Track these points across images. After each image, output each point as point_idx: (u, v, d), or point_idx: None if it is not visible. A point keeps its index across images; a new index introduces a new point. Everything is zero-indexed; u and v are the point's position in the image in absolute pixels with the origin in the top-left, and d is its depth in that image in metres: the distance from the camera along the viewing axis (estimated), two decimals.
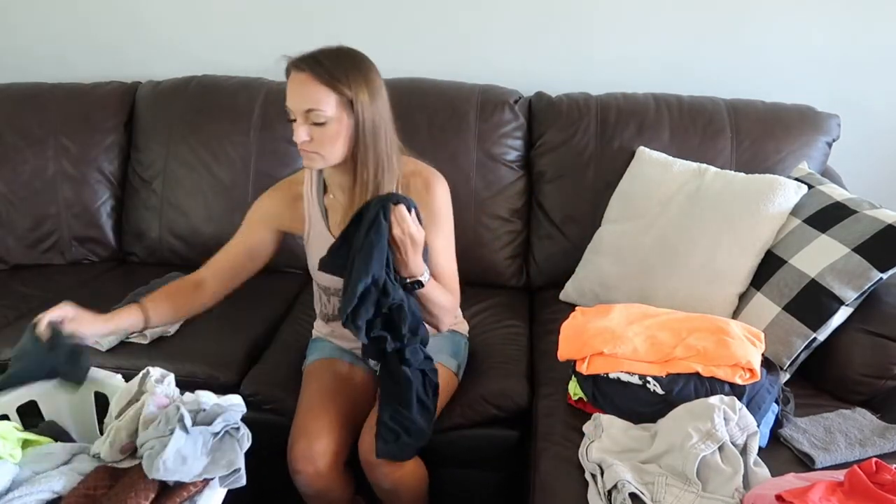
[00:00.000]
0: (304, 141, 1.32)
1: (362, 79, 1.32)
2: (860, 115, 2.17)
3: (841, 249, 1.52)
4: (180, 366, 1.67)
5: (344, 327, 1.32)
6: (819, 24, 2.15)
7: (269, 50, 2.32)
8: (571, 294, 1.95)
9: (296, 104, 1.31)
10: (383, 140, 1.36)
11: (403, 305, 1.32)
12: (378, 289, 1.29)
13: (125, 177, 2.25)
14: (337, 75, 1.29)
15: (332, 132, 1.32)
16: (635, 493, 1.17)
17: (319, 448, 1.40)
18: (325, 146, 1.33)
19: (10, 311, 1.92)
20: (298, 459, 1.40)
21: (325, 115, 1.30)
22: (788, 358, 1.53)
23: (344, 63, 1.31)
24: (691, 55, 2.21)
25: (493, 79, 2.19)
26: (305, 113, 1.31)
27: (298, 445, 1.41)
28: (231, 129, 2.14)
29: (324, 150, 1.34)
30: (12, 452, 1.19)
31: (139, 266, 2.22)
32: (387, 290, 1.29)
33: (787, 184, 1.72)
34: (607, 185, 1.98)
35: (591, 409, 1.43)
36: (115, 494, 1.11)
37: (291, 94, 1.32)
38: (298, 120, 1.32)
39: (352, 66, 1.32)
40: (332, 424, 1.44)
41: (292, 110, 1.32)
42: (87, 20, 2.40)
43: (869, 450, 1.30)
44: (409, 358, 1.35)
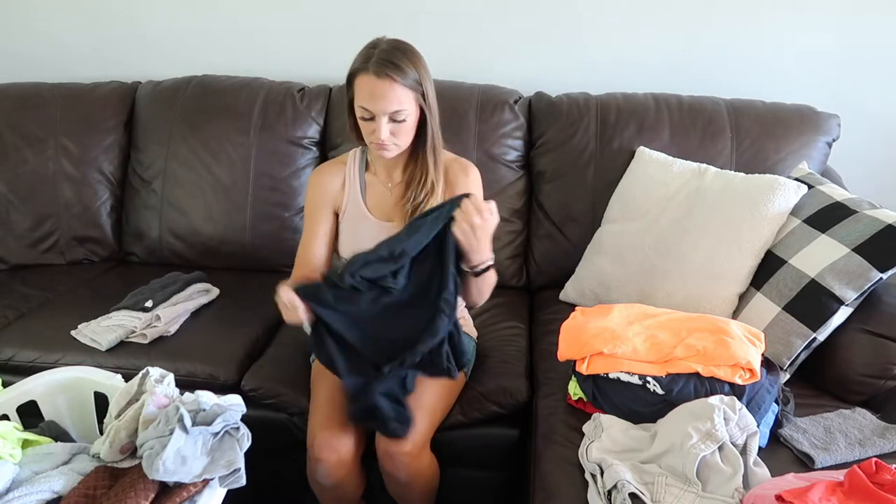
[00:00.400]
0: (386, 137, 1.42)
1: (423, 69, 1.44)
2: (860, 115, 2.17)
3: (841, 249, 1.52)
4: (180, 365, 1.68)
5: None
6: (819, 24, 2.14)
7: (269, 50, 2.36)
8: (571, 294, 1.95)
9: (382, 108, 1.39)
10: (437, 123, 1.50)
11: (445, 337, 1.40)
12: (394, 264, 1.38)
13: (125, 177, 2.25)
14: (413, 73, 1.40)
15: (410, 125, 1.44)
16: (635, 493, 1.17)
17: (343, 436, 1.43)
18: (402, 138, 1.45)
19: (10, 311, 1.92)
20: (322, 448, 1.42)
21: (407, 113, 1.42)
22: (788, 358, 1.53)
23: (410, 58, 1.41)
24: (691, 55, 2.21)
25: (493, 79, 2.19)
26: (390, 114, 1.40)
27: (322, 434, 1.43)
28: (231, 129, 2.14)
29: (401, 140, 1.46)
30: (12, 452, 1.19)
31: (139, 266, 2.22)
32: (444, 284, 1.38)
33: (787, 184, 1.72)
34: (607, 185, 1.98)
35: (591, 409, 1.43)
36: (115, 494, 1.11)
37: (374, 99, 1.39)
38: (380, 120, 1.40)
39: (416, 58, 1.42)
40: None
41: (375, 112, 1.40)
42: (87, 20, 2.40)
43: (869, 450, 1.30)
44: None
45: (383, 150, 1.46)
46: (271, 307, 1.95)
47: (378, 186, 1.59)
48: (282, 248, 2.11)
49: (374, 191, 1.59)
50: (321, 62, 2.34)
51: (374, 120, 1.41)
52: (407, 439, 1.41)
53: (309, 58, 2.35)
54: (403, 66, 1.38)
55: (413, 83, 1.40)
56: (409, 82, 1.39)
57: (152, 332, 1.76)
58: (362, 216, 1.57)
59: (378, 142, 1.43)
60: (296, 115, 2.15)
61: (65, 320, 1.82)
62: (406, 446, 1.41)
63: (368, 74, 1.38)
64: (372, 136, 1.44)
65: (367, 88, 1.39)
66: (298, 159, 2.15)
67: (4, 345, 1.76)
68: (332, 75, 2.26)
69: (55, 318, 1.86)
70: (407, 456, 1.42)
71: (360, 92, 1.41)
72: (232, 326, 1.85)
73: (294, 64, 2.34)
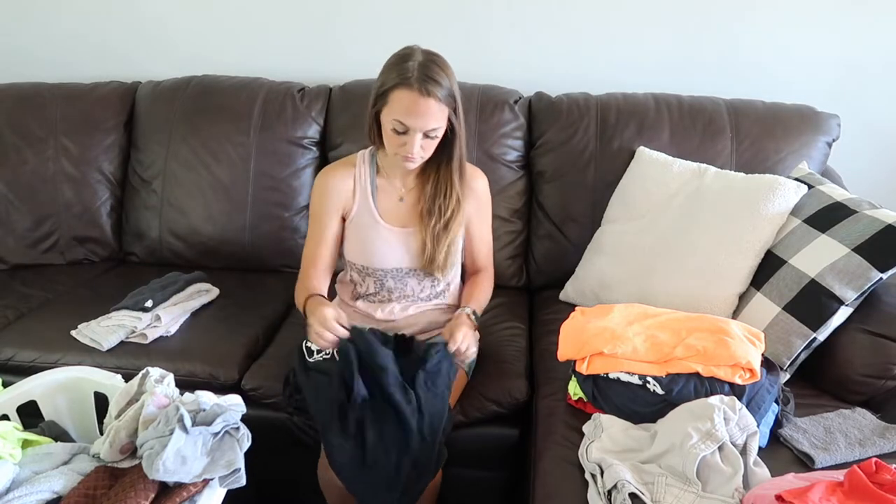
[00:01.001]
0: (417, 152, 1.42)
1: (455, 83, 1.43)
2: (860, 115, 2.18)
3: (841, 249, 1.51)
4: (180, 366, 1.68)
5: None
6: (819, 24, 2.14)
7: (269, 50, 2.36)
8: (571, 294, 1.95)
9: (421, 125, 1.39)
10: (464, 135, 1.51)
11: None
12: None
13: (125, 177, 2.25)
14: (450, 90, 1.40)
15: (439, 138, 1.45)
16: (635, 493, 1.17)
17: None
18: (429, 151, 1.46)
19: (10, 311, 1.92)
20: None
21: (440, 129, 1.43)
22: (788, 358, 1.53)
23: (449, 75, 1.41)
24: (691, 55, 2.21)
25: (493, 79, 2.19)
26: (427, 130, 1.40)
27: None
28: (231, 129, 2.14)
29: (427, 153, 1.47)
30: (12, 452, 1.19)
31: (139, 266, 2.22)
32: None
33: (787, 184, 1.72)
34: (607, 185, 1.98)
35: (591, 409, 1.43)
36: (115, 494, 1.11)
37: (417, 116, 1.38)
38: (414, 136, 1.40)
39: (451, 73, 1.42)
40: None
41: (411, 128, 1.39)
42: (87, 20, 2.40)
43: (869, 450, 1.30)
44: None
45: (409, 163, 1.45)
46: (271, 307, 1.97)
47: (390, 191, 1.58)
48: (282, 248, 2.12)
49: (386, 196, 1.58)
50: (321, 62, 2.34)
51: (406, 134, 1.40)
52: None
53: (309, 58, 2.35)
54: (442, 82, 1.38)
55: (448, 98, 1.40)
56: (446, 99, 1.39)
57: (152, 332, 1.76)
58: (374, 222, 1.56)
59: (407, 155, 1.42)
60: (296, 115, 2.15)
61: (65, 320, 1.82)
62: None
63: (411, 91, 1.36)
64: (401, 150, 1.42)
65: (407, 104, 1.37)
66: (298, 159, 2.15)
67: (4, 345, 1.76)
68: (332, 75, 2.27)
69: (55, 318, 1.86)
70: None
71: (397, 105, 1.38)
72: (232, 326, 1.85)
73: (294, 64, 2.34)
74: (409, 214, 1.57)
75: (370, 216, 1.57)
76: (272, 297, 2.01)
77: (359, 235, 1.58)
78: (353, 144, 2.05)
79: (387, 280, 1.60)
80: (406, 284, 1.61)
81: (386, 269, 1.58)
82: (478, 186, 1.62)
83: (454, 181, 1.53)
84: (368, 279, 1.61)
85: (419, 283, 1.62)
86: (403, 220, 1.57)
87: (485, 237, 1.69)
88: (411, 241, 1.57)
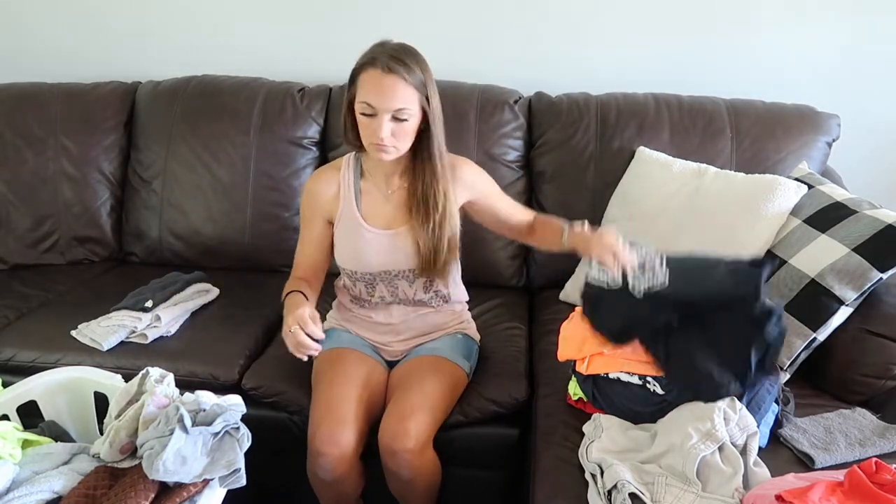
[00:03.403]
0: (386, 136, 1.39)
1: (429, 73, 1.42)
2: (860, 115, 2.17)
3: (841, 249, 1.51)
4: (180, 366, 1.68)
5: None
6: (819, 24, 2.14)
7: (269, 50, 2.36)
8: (571, 294, 1.95)
9: (387, 104, 1.36)
10: (441, 129, 1.48)
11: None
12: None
13: (125, 177, 2.25)
14: (419, 74, 1.39)
15: (411, 126, 1.41)
16: (635, 493, 1.17)
17: (345, 431, 1.43)
18: (402, 140, 1.42)
19: (10, 311, 1.92)
20: (324, 442, 1.42)
21: (409, 113, 1.39)
22: (788, 358, 1.53)
23: (417, 60, 1.40)
24: (691, 55, 2.21)
25: (493, 79, 2.19)
26: (394, 111, 1.37)
27: (323, 428, 1.43)
28: (231, 129, 2.14)
29: (401, 143, 1.42)
30: (12, 452, 1.19)
31: (139, 266, 2.22)
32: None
33: (787, 184, 1.72)
34: (607, 185, 1.98)
35: (590, 409, 1.43)
36: (115, 494, 1.11)
37: (379, 94, 1.36)
38: (382, 117, 1.37)
39: (423, 62, 1.41)
40: (355, 410, 1.46)
41: (378, 108, 1.37)
42: (87, 20, 2.40)
43: (869, 450, 1.30)
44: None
45: (382, 153, 1.41)
46: (271, 307, 1.97)
47: (374, 194, 1.56)
48: (282, 248, 2.12)
49: (371, 198, 1.56)
50: (321, 62, 2.34)
51: (375, 117, 1.37)
52: (410, 437, 1.41)
53: (309, 58, 2.35)
54: (413, 67, 1.37)
55: (419, 84, 1.38)
56: (415, 82, 1.37)
57: (152, 332, 1.76)
58: (357, 225, 1.55)
59: (377, 142, 1.39)
60: (296, 115, 2.15)
61: (65, 320, 1.82)
62: (409, 444, 1.41)
63: (375, 69, 1.36)
64: (372, 136, 1.39)
65: (373, 83, 1.36)
66: (298, 159, 2.15)
67: (4, 345, 1.76)
68: (332, 75, 2.26)
69: (55, 318, 1.86)
70: (410, 453, 1.42)
71: (364, 87, 1.38)
72: (232, 326, 1.85)
73: (294, 64, 2.34)
74: (396, 215, 1.55)
75: (354, 220, 1.54)
76: (272, 297, 1.98)
77: (345, 240, 1.57)
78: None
79: (377, 283, 1.59)
80: (397, 287, 1.60)
81: (374, 272, 1.57)
82: (470, 175, 1.59)
83: (437, 175, 1.49)
84: (359, 283, 1.61)
85: (410, 286, 1.60)
86: (389, 221, 1.55)
87: (510, 202, 1.66)
88: (399, 243, 1.54)
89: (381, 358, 1.65)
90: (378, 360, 1.64)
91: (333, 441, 1.42)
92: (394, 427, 1.43)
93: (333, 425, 1.43)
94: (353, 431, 1.44)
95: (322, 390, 1.51)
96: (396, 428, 1.43)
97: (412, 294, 1.62)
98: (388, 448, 1.43)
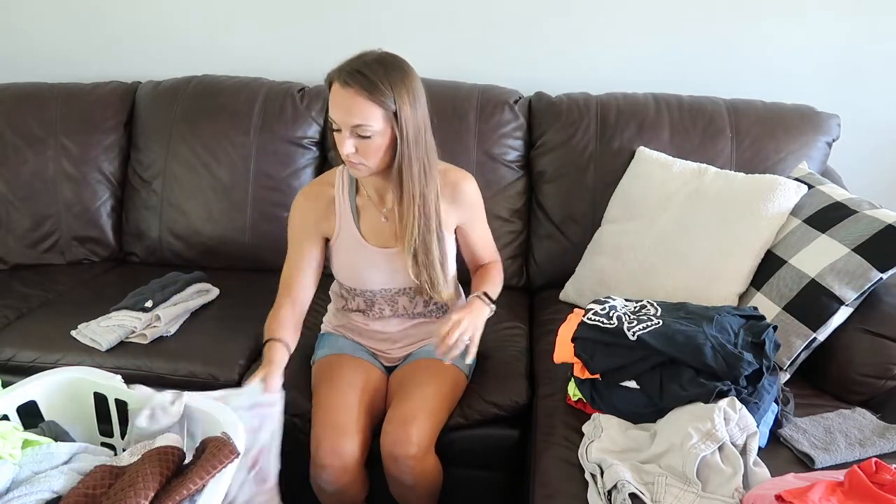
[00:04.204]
0: (350, 153, 1.34)
1: (405, 89, 1.33)
2: (860, 115, 2.17)
3: (841, 249, 1.51)
4: (180, 366, 1.68)
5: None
6: (819, 24, 2.15)
7: (269, 50, 2.36)
8: (571, 294, 1.95)
9: (343, 119, 1.32)
10: (423, 145, 1.39)
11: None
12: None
13: (125, 177, 2.25)
14: (383, 89, 1.30)
15: (377, 144, 1.34)
16: (635, 493, 1.17)
17: (347, 442, 1.41)
18: (370, 157, 1.36)
19: (10, 311, 1.92)
20: (327, 454, 1.41)
21: (372, 130, 1.32)
22: (788, 358, 1.53)
23: (388, 74, 1.31)
24: (691, 55, 2.21)
25: (493, 79, 2.19)
26: (353, 127, 1.32)
27: (326, 441, 1.42)
28: (231, 129, 2.14)
29: (369, 160, 1.36)
30: (12, 452, 1.19)
31: (139, 266, 2.22)
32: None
33: (787, 184, 1.72)
34: (607, 185, 1.98)
35: (590, 409, 1.43)
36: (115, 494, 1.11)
37: (338, 109, 1.32)
38: (344, 132, 1.33)
39: (395, 77, 1.32)
40: (358, 420, 1.45)
41: (339, 124, 1.33)
42: (87, 20, 2.40)
43: (869, 450, 1.30)
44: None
45: (352, 168, 1.39)
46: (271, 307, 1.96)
47: (372, 211, 1.52)
48: (282, 248, 2.08)
49: (369, 216, 1.52)
50: (321, 62, 2.30)
51: (340, 132, 1.34)
52: (412, 443, 1.41)
53: (309, 58, 2.34)
54: (376, 81, 1.29)
55: (382, 101, 1.29)
56: (376, 98, 1.29)
57: (152, 332, 1.76)
58: (358, 244, 1.51)
59: (344, 156, 1.36)
60: (296, 115, 2.15)
61: (65, 320, 1.82)
62: (411, 449, 1.40)
63: (336, 83, 1.32)
64: (340, 150, 1.36)
65: (334, 97, 1.33)
66: (298, 159, 2.15)
67: (4, 345, 1.76)
68: None
69: (55, 318, 1.86)
70: (412, 459, 1.41)
71: (330, 101, 1.34)
72: (232, 326, 1.85)
73: (294, 64, 2.34)
74: (392, 234, 1.51)
75: (354, 239, 1.51)
76: (272, 297, 1.99)
77: (345, 258, 1.54)
78: None
79: (376, 299, 1.58)
80: (397, 302, 1.59)
81: (374, 290, 1.56)
82: (464, 190, 1.52)
83: (415, 199, 1.41)
84: (358, 298, 1.60)
85: (411, 301, 1.60)
86: (387, 240, 1.52)
87: (484, 236, 1.64)
88: (398, 264, 1.50)
89: (378, 363, 1.65)
90: (376, 365, 1.63)
91: (336, 453, 1.40)
92: (396, 433, 1.42)
93: (336, 437, 1.41)
94: (355, 442, 1.42)
95: (322, 398, 1.50)
96: (398, 434, 1.42)
97: (412, 308, 1.62)
98: (390, 454, 1.43)
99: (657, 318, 1.39)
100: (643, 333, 1.35)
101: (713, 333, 1.33)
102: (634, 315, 1.41)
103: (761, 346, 1.35)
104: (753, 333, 1.38)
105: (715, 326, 1.36)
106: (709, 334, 1.33)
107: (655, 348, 1.33)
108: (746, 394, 1.30)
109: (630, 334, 1.35)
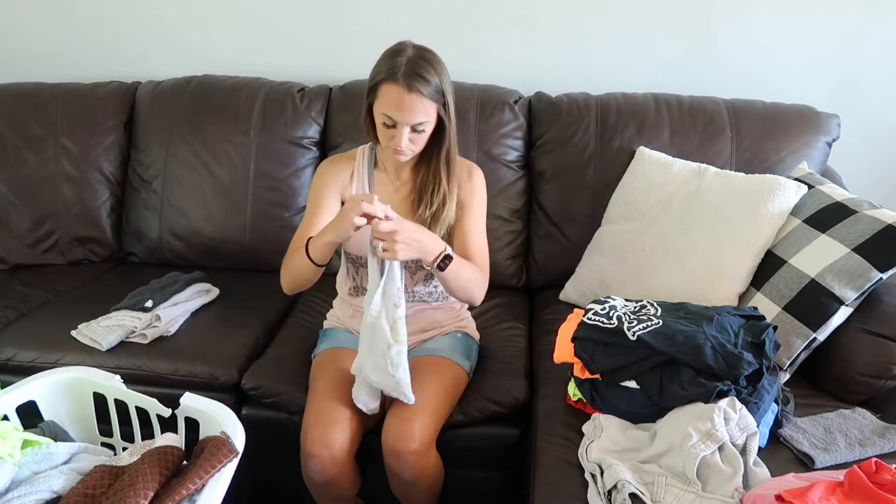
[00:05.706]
0: (405, 145, 1.45)
1: (448, 80, 1.46)
2: (860, 115, 2.18)
3: (841, 249, 1.51)
4: (180, 366, 1.68)
5: None
6: (819, 24, 2.15)
7: (269, 50, 2.36)
8: (571, 294, 1.95)
9: (406, 119, 1.42)
10: (455, 129, 1.53)
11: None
12: None
13: (125, 177, 2.25)
14: (439, 86, 1.43)
15: (428, 133, 1.48)
16: (635, 493, 1.17)
17: (336, 433, 1.42)
18: (419, 144, 1.49)
19: (10, 311, 1.92)
20: (314, 443, 1.41)
21: (428, 124, 1.45)
22: (788, 358, 1.53)
23: (437, 70, 1.43)
24: (691, 55, 2.21)
25: (493, 79, 2.19)
26: (413, 125, 1.43)
27: (315, 430, 1.43)
28: (231, 129, 2.14)
29: (417, 147, 1.49)
30: (12, 452, 1.19)
31: (139, 266, 2.22)
32: None
33: (787, 184, 1.72)
34: (607, 185, 1.98)
35: (590, 409, 1.43)
36: (115, 494, 1.11)
37: (400, 111, 1.41)
38: (402, 129, 1.43)
39: (442, 71, 1.45)
40: (348, 411, 1.46)
41: (398, 122, 1.42)
42: (87, 20, 2.40)
43: (869, 450, 1.30)
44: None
45: (399, 156, 1.49)
46: (271, 307, 1.97)
47: (386, 184, 1.62)
48: (282, 249, 2.09)
49: (382, 188, 1.61)
50: (321, 62, 2.34)
51: (395, 127, 1.44)
52: (414, 439, 1.41)
53: (309, 58, 2.35)
54: (430, 78, 1.41)
55: (436, 94, 1.42)
56: (437, 98, 1.42)
57: (152, 332, 1.76)
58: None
59: (396, 148, 1.46)
60: (296, 115, 2.15)
61: (65, 320, 1.82)
62: (413, 445, 1.41)
63: (397, 85, 1.39)
64: (391, 143, 1.46)
65: (394, 99, 1.40)
66: (298, 159, 2.15)
67: (4, 345, 1.76)
68: (332, 75, 2.27)
69: (55, 318, 1.86)
70: (413, 455, 1.42)
71: (384, 100, 1.42)
72: (232, 326, 1.85)
73: (294, 64, 2.34)
74: (402, 206, 1.58)
75: None
76: (272, 297, 2.00)
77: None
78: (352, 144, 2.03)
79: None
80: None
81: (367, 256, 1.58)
82: (473, 174, 1.63)
83: (441, 176, 1.54)
84: (363, 270, 1.62)
85: (412, 277, 1.62)
86: (397, 210, 1.54)
87: (475, 230, 1.60)
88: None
89: None
90: None
91: (324, 442, 1.41)
92: (397, 428, 1.43)
93: (324, 427, 1.43)
94: (345, 433, 1.43)
95: (316, 390, 1.51)
96: (400, 429, 1.42)
97: (412, 285, 1.63)
98: (391, 449, 1.43)
99: (657, 318, 1.39)
100: (643, 333, 1.35)
101: (713, 333, 1.33)
102: (634, 315, 1.42)
103: (761, 346, 1.35)
104: (753, 333, 1.38)
105: (715, 326, 1.36)
106: (709, 334, 1.33)
107: (655, 348, 1.33)
108: (746, 394, 1.30)
109: (630, 334, 1.36)
